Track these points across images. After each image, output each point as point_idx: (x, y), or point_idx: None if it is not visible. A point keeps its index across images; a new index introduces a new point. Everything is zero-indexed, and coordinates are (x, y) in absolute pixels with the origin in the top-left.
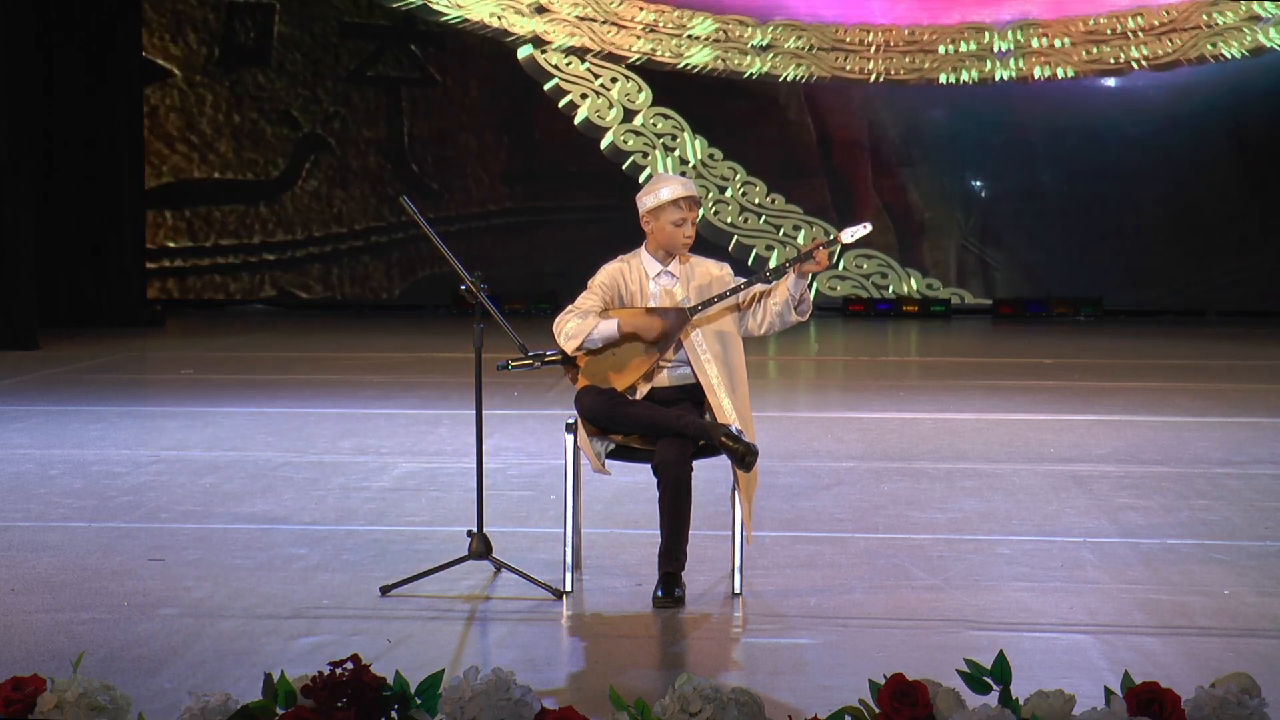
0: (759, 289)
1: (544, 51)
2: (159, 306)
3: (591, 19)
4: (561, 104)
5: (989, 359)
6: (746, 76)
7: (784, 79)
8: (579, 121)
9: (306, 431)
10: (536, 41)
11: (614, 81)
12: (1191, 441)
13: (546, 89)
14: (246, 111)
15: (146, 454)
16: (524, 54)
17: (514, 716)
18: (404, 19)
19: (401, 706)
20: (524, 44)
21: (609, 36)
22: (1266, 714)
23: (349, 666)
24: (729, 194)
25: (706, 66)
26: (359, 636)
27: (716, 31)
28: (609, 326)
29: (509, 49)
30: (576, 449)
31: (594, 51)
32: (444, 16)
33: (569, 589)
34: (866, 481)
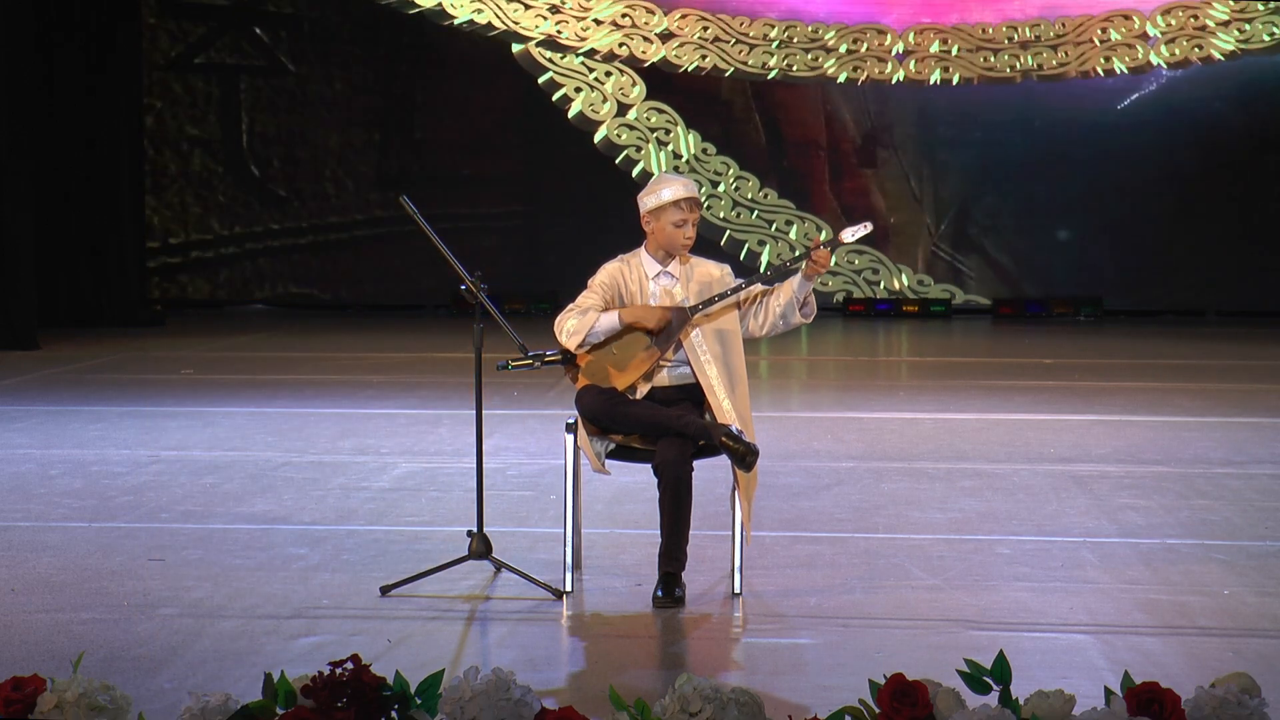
0: (759, 289)
1: (538, 46)
2: (159, 306)
3: None
4: (555, 97)
5: (989, 359)
6: (648, 66)
7: (728, 74)
8: (573, 115)
9: (306, 431)
10: (441, 14)
11: (608, 75)
12: (1191, 441)
13: (541, 82)
14: None
15: (146, 454)
16: (518, 49)
17: (514, 716)
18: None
19: (401, 706)
20: (416, 11)
21: (513, 15)
22: (1266, 714)
23: (349, 666)
24: (721, 189)
25: (609, 51)
26: (359, 636)
27: (621, 16)
28: (610, 319)
29: (386, 32)
30: (576, 449)
31: (499, 30)
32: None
33: (569, 589)
34: (866, 481)
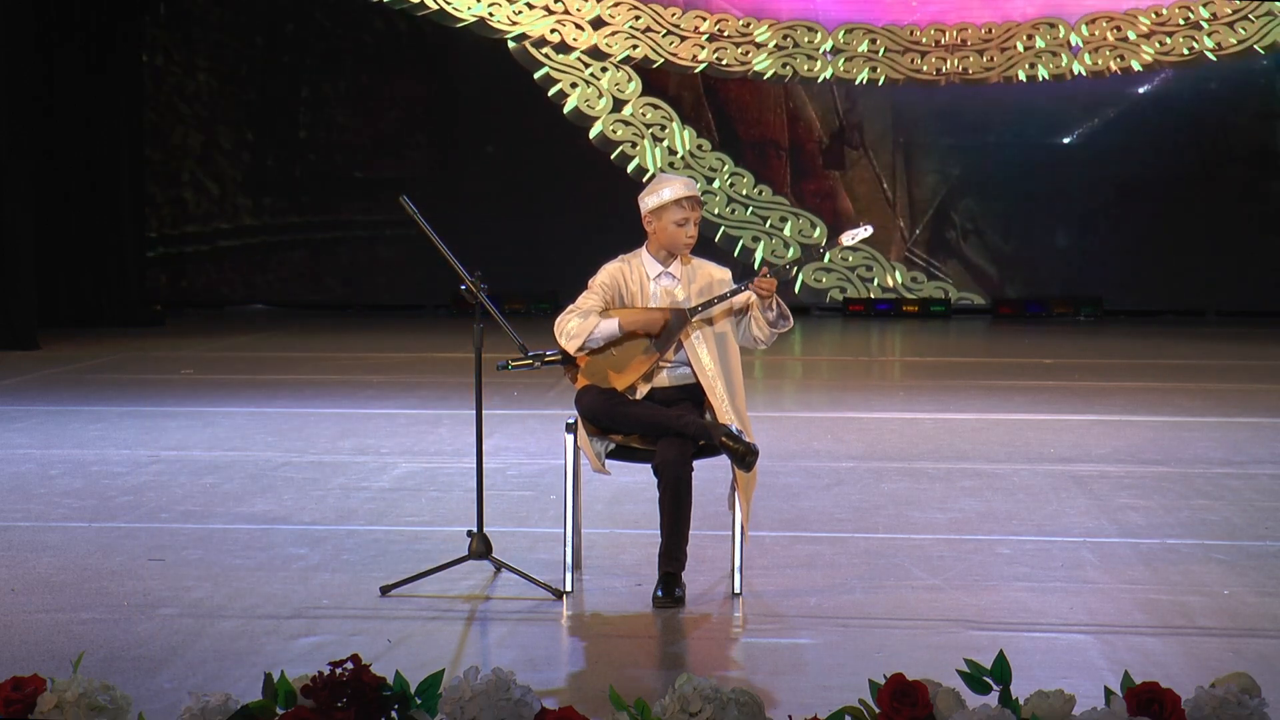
0: (754, 297)
1: (533, 40)
2: (159, 306)
3: None
4: (551, 93)
5: (989, 359)
6: (575, 57)
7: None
8: (568, 110)
9: (306, 431)
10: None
11: (604, 71)
12: (1191, 441)
13: (537, 77)
14: None
15: (146, 454)
16: (514, 44)
17: (514, 716)
18: None
19: (401, 706)
20: None
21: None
22: (1266, 714)
23: (349, 666)
24: (716, 185)
25: (539, 36)
26: (359, 636)
27: (553, 2)
28: (610, 325)
29: (262, 20)
30: (576, 449)
31: (431, 11)
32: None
33: (569, 589)
34: (866, 481)
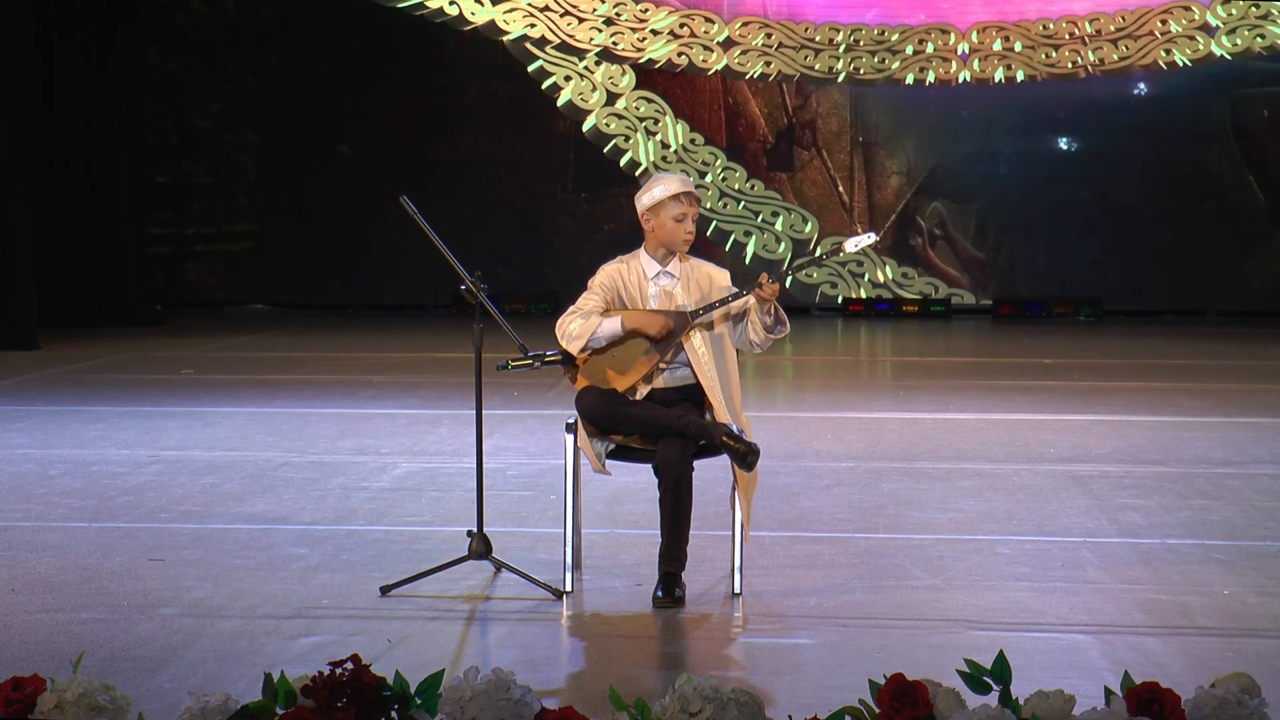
0: (753, 301)
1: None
2: (159, 306)
3: None
4: (545, 85)
5: (989, 359)
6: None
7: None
8: (562, 104)
9: (306, 431)
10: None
11: (598, 64)
12: (1191, 441)
13: (530, 70)
14: None
15: (146, 454)
16: (510, 39)
17: (514, 716)
18: None
19: (401, 706)
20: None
21: None
22: (1266, 714)
23: (349, 666)
24: (709, 179)
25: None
26: (359, 636)
27: None
28: (612, 324)
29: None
30: (576, 449)
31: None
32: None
33: (569, 589)
34: (866, 481)
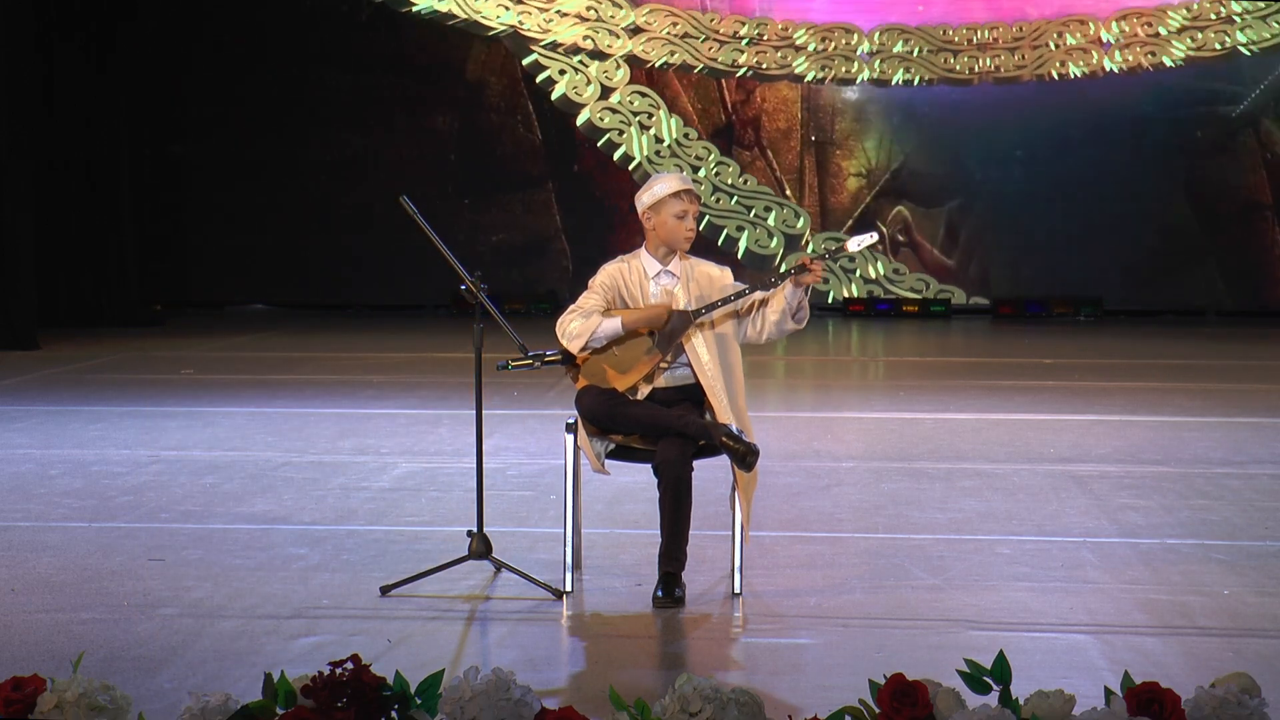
0: (759, 296)
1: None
2: (159, 306)
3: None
4: (540, 79)
5: (989, 359)
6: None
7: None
8: (556, 97)
9: (306, 431)
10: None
11: (593, 59)
12: (1191, 441)
13: (525, 64)
14: None
15: (146, 454)
16: (506, 32)
17: (514, 716)
18: None
19: (401, 706)
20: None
21: (474, 5)
22: (1266, 714)
23: (349, 666)
24: (702, 174)
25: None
26: (359, 636)
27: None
28: (613, 323)
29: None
30: (576, 449)
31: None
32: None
33: (569, 589)
34: (866, 481)
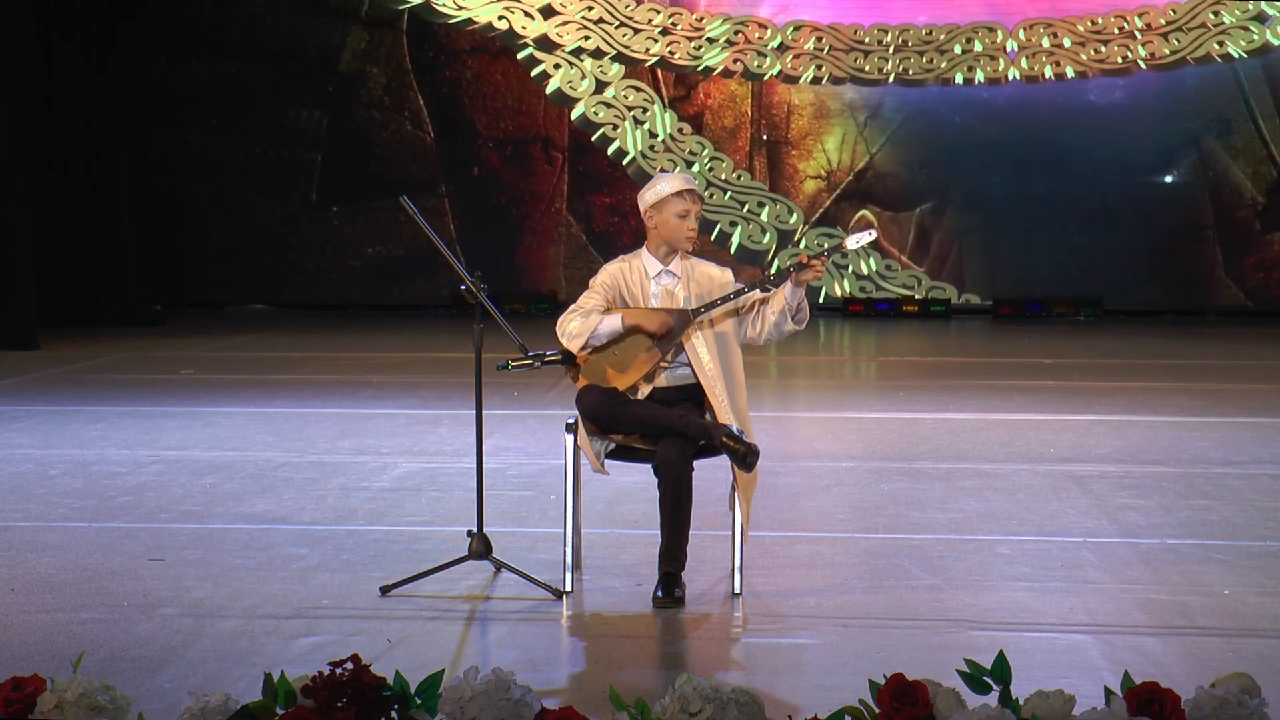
0: (758, 296)
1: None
2: (159, 306)
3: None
4: (534, 73)
5: (989, 359)
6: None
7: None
8: (550, 92)
9: (306, 431)
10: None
11: (506, 40)
12: (1191, 441)
13: (520, 57)
14: None
15: (146, 454)
16: (502, 26)
17: (514, 716)
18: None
19: (401, 706)
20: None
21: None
22: (1266, 714)
23: (349, 666)
24: (695, 169)
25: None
26: (359, 636)
27: None
28: (613, 322)
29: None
30: (576, 449)
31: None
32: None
33: (569, 589)
34: (866, 481)
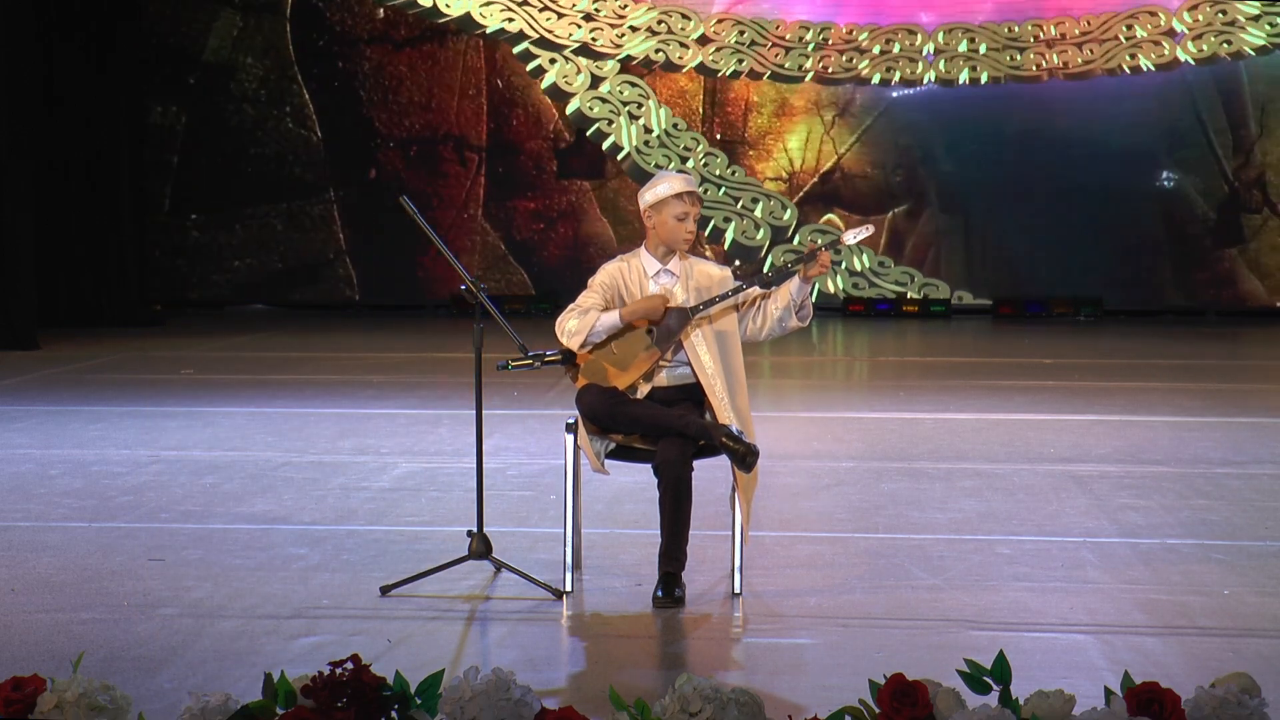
0: (758, 292)
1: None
2: (159, 306)
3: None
4: (530, 68)
5: (989, 359)
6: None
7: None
8: (545, 86)
9: (306, 431)
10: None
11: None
12: (1191, 441)
13: (516, 52)
14: None
15: (146, 454)
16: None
17: (514, 716)
18: None
19: (401, 706)
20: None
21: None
22: (1266, 714)
23: (349, 666)
24: (690, 165)
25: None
26: (359, 636)
27: None
28: (611, 318)
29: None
30: (576, 449)
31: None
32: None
33: (569, 589)
34: (866, 481)
